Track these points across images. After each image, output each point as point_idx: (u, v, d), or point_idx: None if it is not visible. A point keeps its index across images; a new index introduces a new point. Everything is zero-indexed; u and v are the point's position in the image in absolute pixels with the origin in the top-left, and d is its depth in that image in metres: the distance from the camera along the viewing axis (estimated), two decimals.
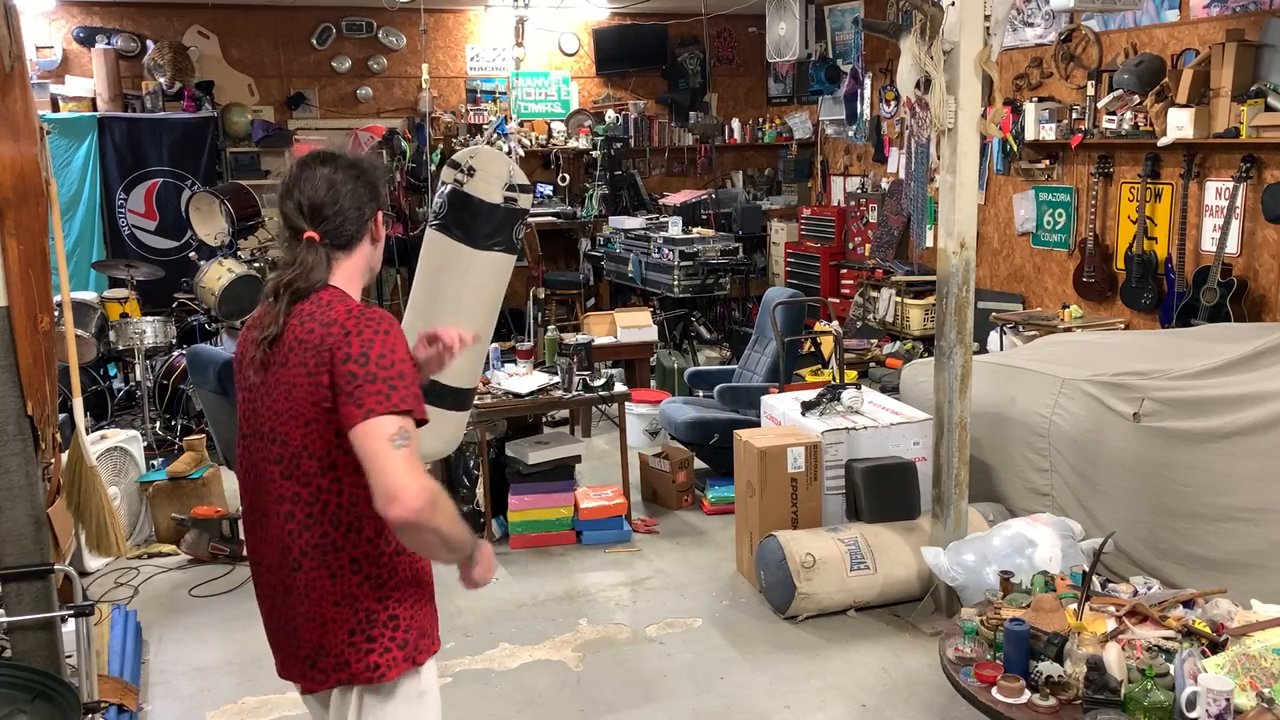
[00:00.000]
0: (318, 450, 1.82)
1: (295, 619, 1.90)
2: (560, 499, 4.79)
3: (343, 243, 1.94)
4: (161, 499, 4.88)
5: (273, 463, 1.87)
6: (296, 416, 1.82)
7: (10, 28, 2.44)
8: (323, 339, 1.80)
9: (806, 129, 9.26)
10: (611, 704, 3.47)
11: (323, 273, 1.90)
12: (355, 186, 1.94)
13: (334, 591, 1.86)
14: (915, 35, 3.62)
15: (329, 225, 1.92)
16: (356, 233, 1.96)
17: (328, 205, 1.92)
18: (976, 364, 4.08)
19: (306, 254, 1.90)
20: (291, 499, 1.86)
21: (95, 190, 7.41)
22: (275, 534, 1.89)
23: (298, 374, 1.81)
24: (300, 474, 1.84)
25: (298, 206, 1.93)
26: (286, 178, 1.97)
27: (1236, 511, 3.60)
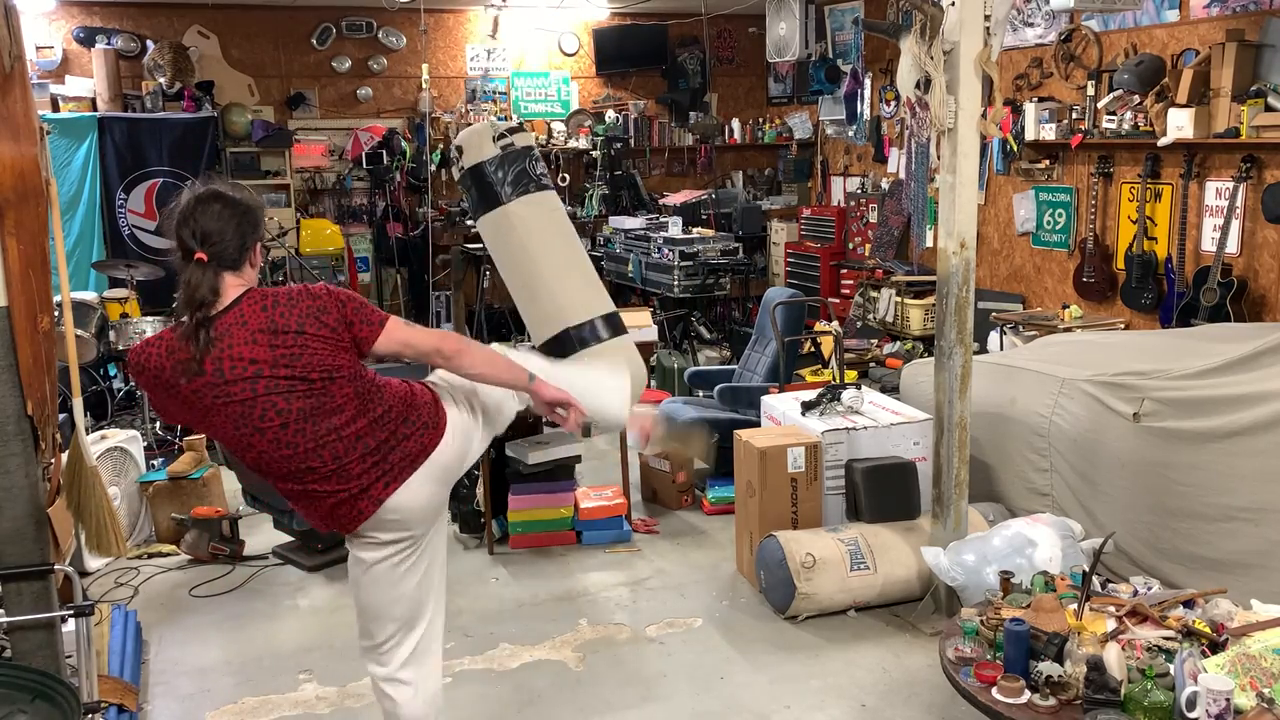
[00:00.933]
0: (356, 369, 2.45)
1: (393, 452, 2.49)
2: (560, 499, 4.79)
3: (229, 265, 2.38)
4: (161, 499, 4.88)
5: (321, 395, 2.39)
6: (342, 349, 2.40)
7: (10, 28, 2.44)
8: (322, 304, 2.37)
9: (806, 129, 9.26)
10: (611, 704, 3.47)
11: (213, 285, 2.34)
12: (241, 224, 2.39)
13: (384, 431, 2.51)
14: (915, 35, 3.62)
15: (217, 250, 2.35)
16: (240, 259, 2.39)
17: (215, 235, 2.35)
18: (976, 364, 4.08)
19: (196, 272, 2.33)
20: (382, 391, 2.50)
21: (95, 190, 7.41)
22: (334, 449, 2.42)
23: (326, 329, 2.37)
24: (360, 375, 2.45)
25: (192, 234, 2.35)
26: (182, 208, 2.38)
27: (1236, 511, 3.60)
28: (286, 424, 2.37)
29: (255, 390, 2.32)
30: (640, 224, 7.81)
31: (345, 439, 2.43)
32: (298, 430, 2.38)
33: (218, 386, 2.31)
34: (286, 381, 2.34)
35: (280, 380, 2.33)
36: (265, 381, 2.33)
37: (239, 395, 2.32)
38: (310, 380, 2.36)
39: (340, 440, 2.42)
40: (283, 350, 2.33)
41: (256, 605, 4.26)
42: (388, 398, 2.50)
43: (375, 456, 2.47)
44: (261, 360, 2.32)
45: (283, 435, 2.37)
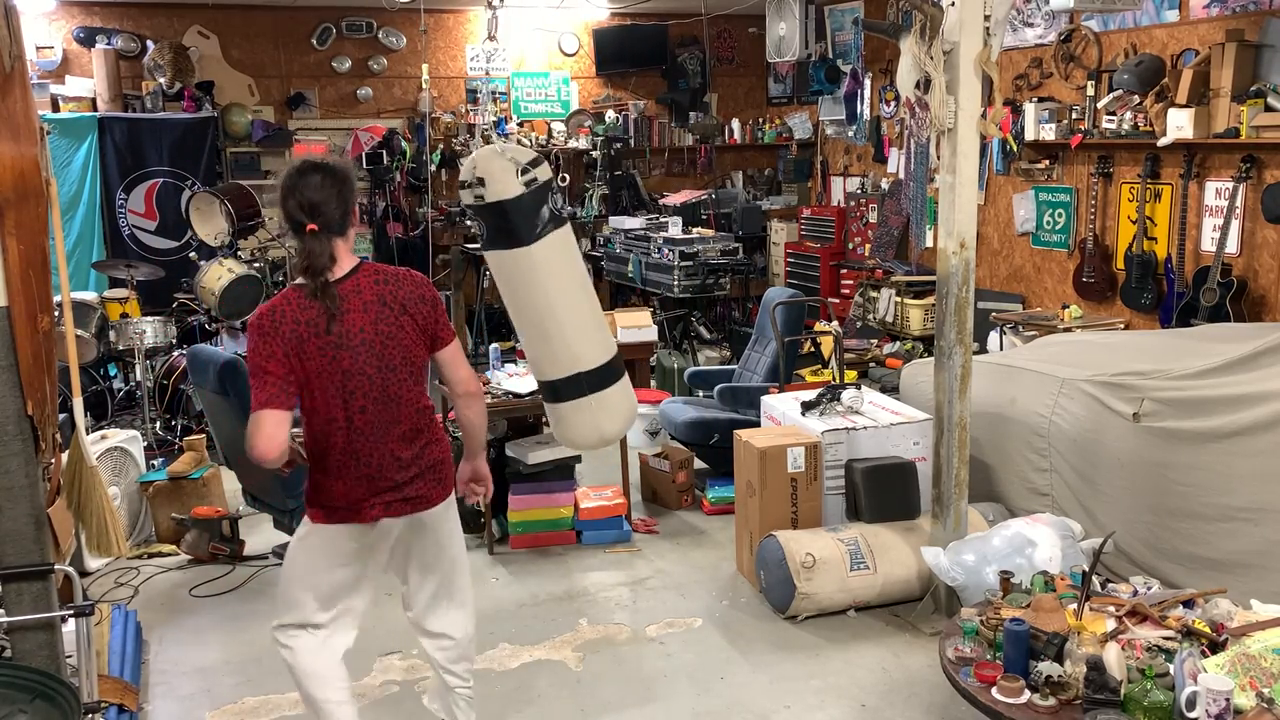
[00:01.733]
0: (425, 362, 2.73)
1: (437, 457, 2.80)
2: (560, 499, 4.79)
3: (338, 231, 2.60)
4: (161, 499, 4.88)
5: (407, 379, 2.67)
6: (424, 341, 2.69)
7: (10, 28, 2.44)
8: (423, 294, 2.67)
9: (806, 129, 9.26)
10: (611, 704, 3.47)
11: (329, 255, 2.56)
12: (343, 190, 2.60)
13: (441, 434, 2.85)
14: (915, 35, 3.62)
15: (327, 219, 2.56)
16: (346, 224, 2.62)
17: (322, 204, 2.55)
18: (976, 364, 4.08)
19: (312, 242, 2.55)
20: (419, 395, 2.72)
21: (95, 190, 7.41)
22: (411, 422, 2.71)
23: (419, 318, 2.65)
24: (421, 377, 2.70)
25: (299, 205, 2.56)
26: (284, 184, 2.59)
27: (1236, 511, 3.60)
28: (369, 396, 2.60)
29: (357, 358, 2.57)
30: (640, 224, 7.81)
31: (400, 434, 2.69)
32: (374, 409, 2.62)
33: (337, 349, 2.54)
34: (380, 356, 2.59)
35: (376, 351, 2.58)
36: (366, 350, 2.57)
37: (347, 362, 2.56)
38: (394, 363, 2.62)
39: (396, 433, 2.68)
40: (384, 325, 2.59)
41: (256, 605, 4.26)
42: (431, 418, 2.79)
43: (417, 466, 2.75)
44: (368, 329, 2.57)
45: (366, 405, 2.61)
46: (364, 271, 2.62)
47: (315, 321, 2.54)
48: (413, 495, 2.76)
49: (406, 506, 2.76)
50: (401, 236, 8.55)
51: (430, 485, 2.79)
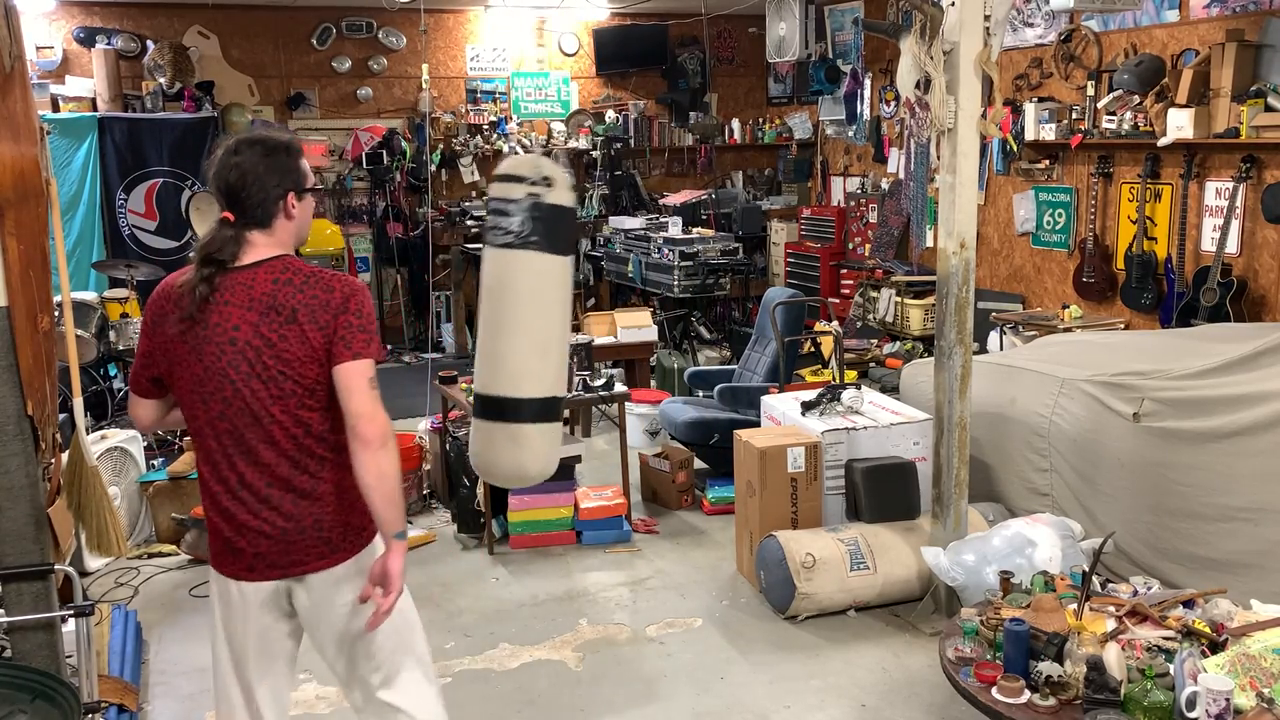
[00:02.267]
0: (328, 382, 2.20)
1: (323, 510, 2.25)
2: (560, 499, 4.79)
3: (256, 222, 2.24)
4: (161, 499, 4.88)
5: (287, 398, 2.19)
6: (313, 360, 2.18)
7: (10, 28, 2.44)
8: (327, 300, 2.18)
9: (806, 129, 9.26)
10: (611, 704, 3.47)
11: (233, 246, 2.21)
12: (265, 172, 2.22)
13: (352, 482, 2.22)
14: (915, 35, 3.62)
15: (241, 208, 2.22)
16: (268, 214, 2.24)
17: (239, 190, 2.22)
18: (976, 364, 4.08)
19: (220, 231, 2.23)
20: (308, 422, 2.21)
21: (95, 190, 7.41)
22: (290, 453, 2.21)
23: (310, 329, 2.17)
24: (317, 400, 2.21)
25: (218, 189, 2.25)
26: (214, 161, 2.26)
27: (1236, 511, 3.60)
28: (229, 404, 2.19)
29: (221, 357, 2.17)
30: (640, 224, 7.81)
31: (266, 464, 2.22)
32: (234, 418, 2.20)
33: (198, 338, 2.17)
34: (251, 363, 2.16)
35: (248, 358, 2.16)
36: (233, 351, 2.16)
37: (210, 358, 2.17)
38: (271, 375, 2.17)
39: (262, 459, 2.22)
40: (266, 329, 2.16)
41: None
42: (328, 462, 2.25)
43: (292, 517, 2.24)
44: (245, 329, 2.16)
45: (225, 412, 2.20)
46: (270, 266, 2.20)
47: (185, 307, 2.18)
48: (278, 557, 2.24)
49: (273, 570, 2.25)
50: (401, 236, 8.55)
51: (309, 546, 2.24)
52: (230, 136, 2.28)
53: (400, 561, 2.20)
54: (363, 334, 2.19)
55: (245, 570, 2.25)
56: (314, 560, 2.25)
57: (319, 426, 2.22)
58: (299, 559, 2.24)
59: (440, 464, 5.25)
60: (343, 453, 2.21)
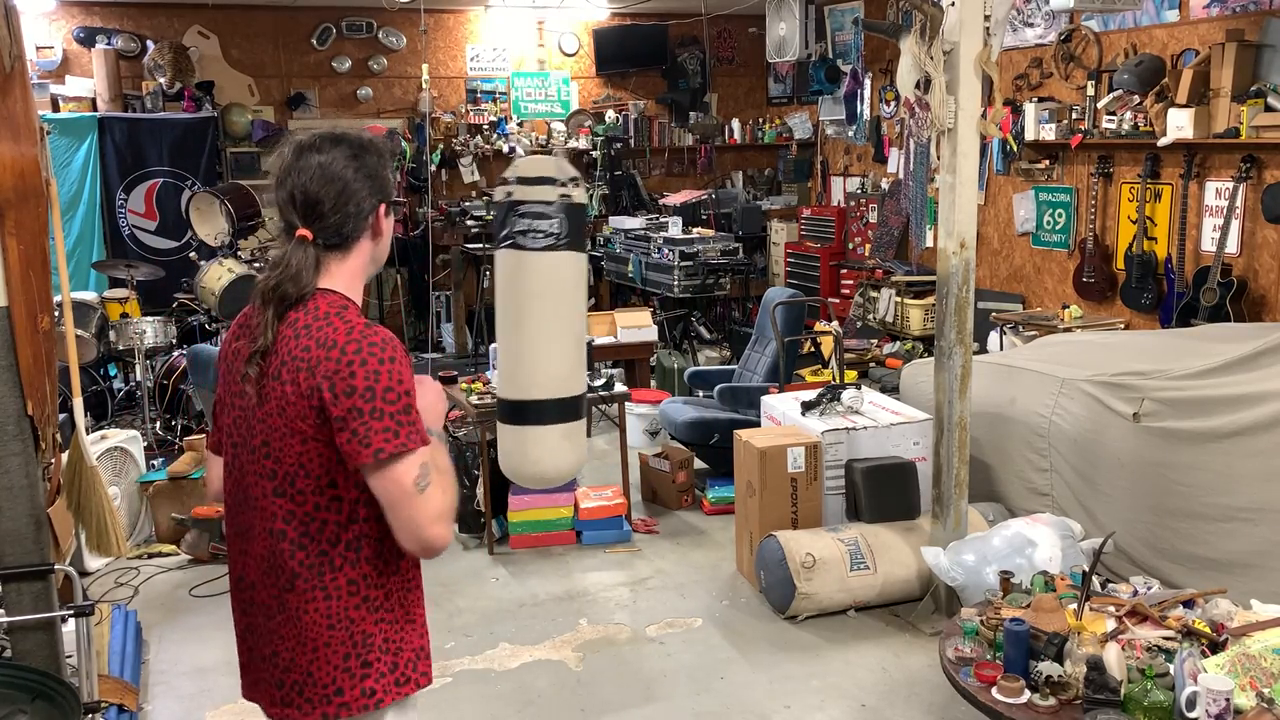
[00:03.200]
0: (314, 469, 1.70)
1: (282, 642, 1.77)
2: (560, 499, 4.79)
3: (338, 242, 1.76)
4: (161, 499, 4.88)
5: (265, 478, 1.74)
6: (293, 434, 1.69)
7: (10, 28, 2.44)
8: (320, 361, 1.65)
9: (806, 129, 9.26)
10: (611, 704, 3.47)
11: (312, 276, 1.74)
12: (355, 177, 1.76)
13: (329, 614, 1.74)
14: (915, 35, 3.62)
15: (324, 223, 1.75)
16: (354, 231, 1.77)
17: (324, 200, 1.74)
18: (976, 364, 4.08)
19: (296, 253, 1.73)
20: (285, 516, 1.73)
21: (95, 190, 7.41)
22: (263, 551, 1.76)
23: (291, 392, 1.68)
24: (294, 491, 1.72)
25: (290, 198, 1.77)
26: (282, 163, 1.80)
27: (1236, 511, 3.60)
28: (229, 472, 1.84)
29: (231, 412, 1.83)
30: (640, 224, 7.81)
31: (256, 561, 1.79)
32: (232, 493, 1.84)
33: (242, 395, 1.79)
34: (247, 424, 1.77)
35: (245, 416, 1.78)
36: (240, 408, 1.80)
37: (236, 412, 1.82)
38: (255, 444, 1.75)
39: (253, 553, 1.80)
40: (266, 386, 1.72)
41: None
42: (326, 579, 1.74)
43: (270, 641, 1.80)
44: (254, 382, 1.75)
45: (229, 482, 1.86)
46: (311, 305, 1.74)
47: (244, 346, 1.78)
48: (266, 683, 1.81)
49: (262, 686, 1.83)
50: (401, 236, 8.55)
51: (265, 680, 1.81)
52: (301, 133, 1.84)
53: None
54: (379, 420, 1.63)
55: (247, 689, 1.89)
56: (266, 702, 1.82)
57: (294, 532, 1.72)
58: (259, 691, 1.84)
59: None
60: (329, 574, 1.73)
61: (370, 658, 1.76)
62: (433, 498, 1.68)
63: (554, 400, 2.95)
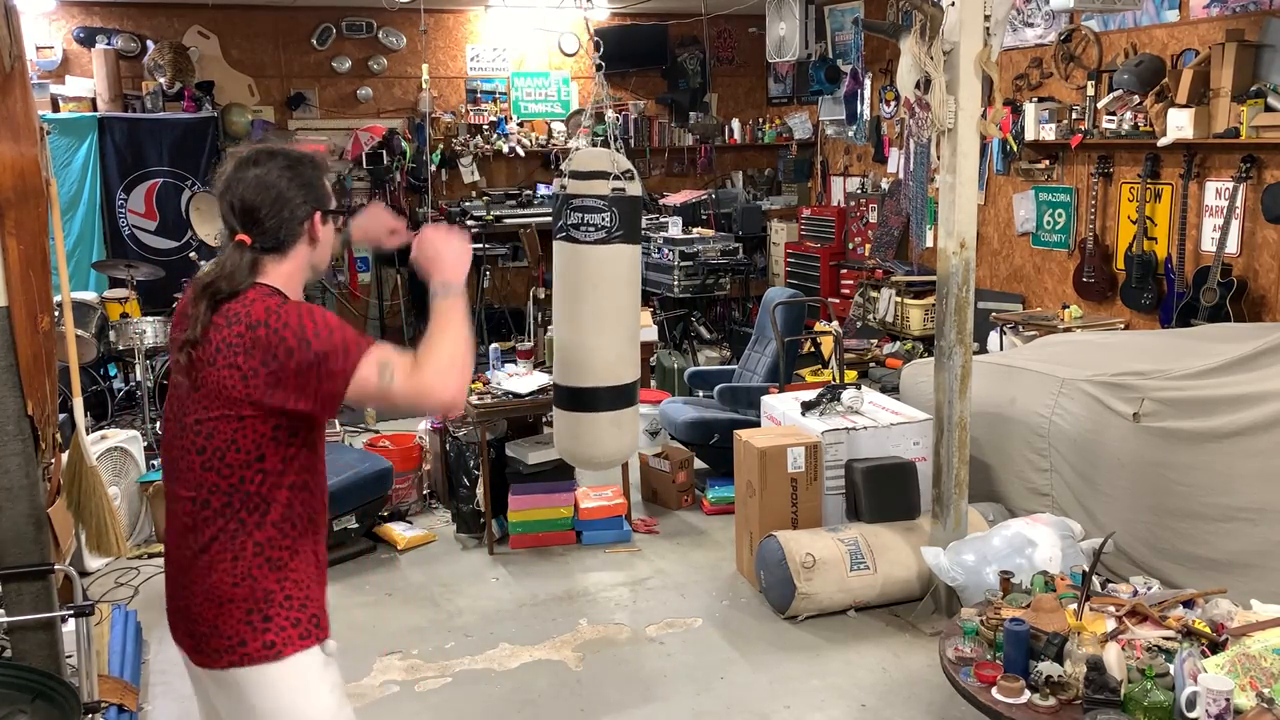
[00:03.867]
0: (246, 445, 1.87)
1: (193, 597, 1.93)
2: (560, 499, 4.79)
3: (274, 246, 1.94)
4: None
5: (194, 453, 1.90)
6: (228, 416, 1.86)
7: (10, 28, 2.44)
8: (254, 343, 1.83)
9: (806, 129, 9.26)
10: (611, 704, 3.47)
11: (245, 276, 1.90)
12: (289, 187, 1.93)
13: (234, 573, 1.90)
14: (915, 35, 3.62)
15: (261, 229, 1.92)
16: (289, 236, 1.95)
17: (260, 208, 1.92)
18: (976, 364, 4.08)
19: (232, 256, 1.91)
20: (210, 488, 1.89)
21: (95, 190, 7.41)
22: (185, 517, 1.93)
23: (230, 376, 1.84)
24: (223, 466, 1.88)
25: (230, 207, 1.95)
26: (223, 175, 1.97)
27: (1236, 511, 3.60)
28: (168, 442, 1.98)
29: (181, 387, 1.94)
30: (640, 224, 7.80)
31: (180, 525, 1.95)
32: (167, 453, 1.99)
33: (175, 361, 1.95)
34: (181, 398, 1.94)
35: (180, 392, 1.94)
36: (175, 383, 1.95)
37: (171, 385, 1.98)
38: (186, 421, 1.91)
39: (175, 512, 1.97)
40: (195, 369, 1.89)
41: None
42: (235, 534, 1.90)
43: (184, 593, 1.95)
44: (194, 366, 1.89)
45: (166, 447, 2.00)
46: (244, 298, 1.89)
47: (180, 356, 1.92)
48: (181, 632, 1.98)
49: (180, 635, 2.00)
50: None
51: (179, 625, 1.98)
52: (242, 146, 2.04)
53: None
54: (326, 360, 1.82)
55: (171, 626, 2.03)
56: (184, 649, 1.99)
57: (217, 502, 1.89)
58: (178, 637, 2.00)
59: (440, 464, 5.25)
60: (241, 538, 1.89)
61: (270, 612, 1.92)
62: (402, 383, 1.85)
63: (606, 388, 3.01)
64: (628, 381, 3.06)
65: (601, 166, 3.06)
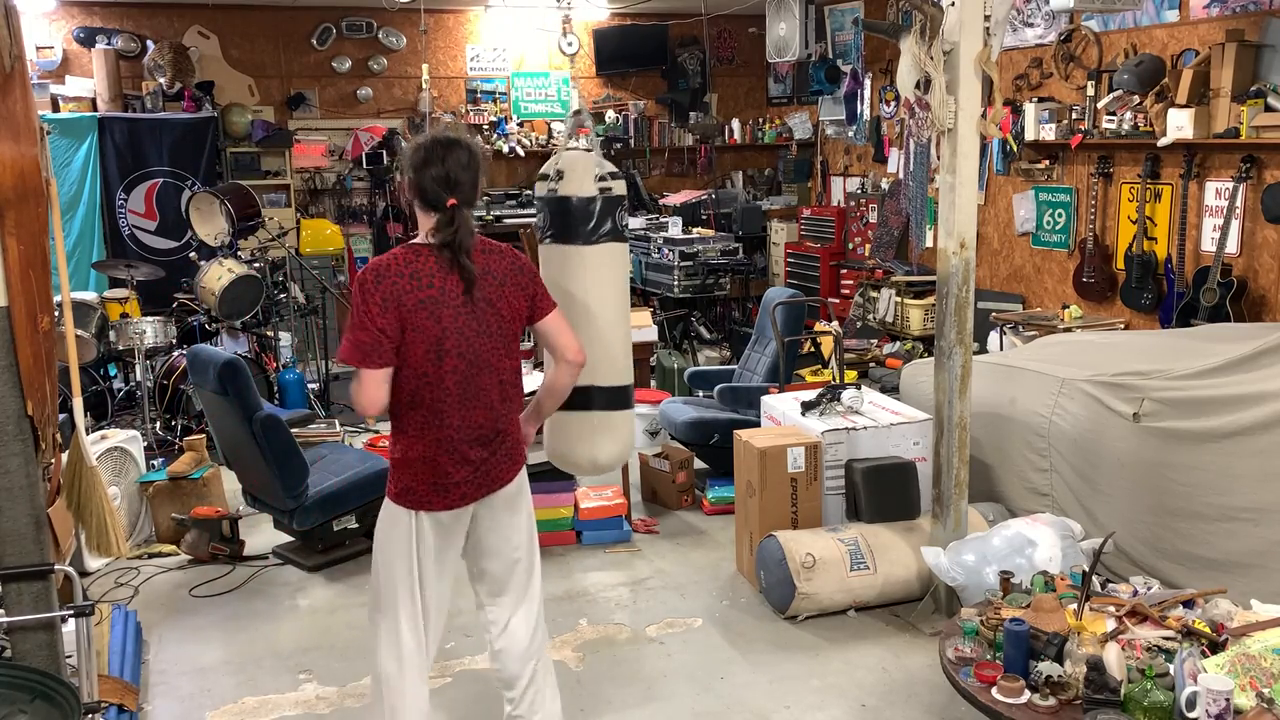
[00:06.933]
0: (520, 333, 2.78)
1: (509, 438, 2.76)
2: (560, 499, 4.79)
3: (470, 204, 2.64)
4: (161, 499, 4.88)
5: (500, 351, 2.68)
6: (518, 318, 2.73)
7: (10, 28, 2.43)
8: (522, 268, 2.73)
9: (806, 129, 9.26)
10: (611, 704, 3.47)
11: (468, 230, 2.60)
12: (478, 165, 2.64)
13: (522, 405, 2.84)
14: (915, 35, 3.62)
15: (466, 194, 2.61)
16: (472, 201, 2.65)
17: (461, 180, 2.59)
18: (976, 364, 4.08)
19: (461, 214, 2.60)
20: (510, 368, 2.73)
21: (95, 190, 7.41)
22: (492, 397, 2.68)
23: (517, 295, 2.70)
24: (512, 351, 2.73)
25: (443, 179, 2.58)
26: (426, 152, 2.59)
27: (1236, 511, 3.60)
28: (462, 358, 2.61)
29: (459, 317, 2.58)
30: (640, 224, 7.81)
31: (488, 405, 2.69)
32: (467, 370, 2.63)
33: (437, 304, 2.55)
34: (482, 321, 2.62)
35: (478, 317, 2.61)
36: (466, 314, 2.59)
37: (446, 318, 2.57)
38: (493, 330, 2.65)
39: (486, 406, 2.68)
40: (489, 293, 2.63)
41: (256, 605, 4.26)
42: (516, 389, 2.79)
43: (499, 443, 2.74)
44: (479, 295, 2.61)
45: (458, 366, 2.61)
46: (481, 243, 2.69)
47: (438, 284, 2.57)
48: (496, 467, 2.74)
49: (472, 494, 2.72)
50: (401, 236, 8.54)
51: (502, 468, 2.76)
52: (429, 133, 2.66)
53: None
54: (546, 289, 2.80)
55: (457, 500, 2.68)
56: (506, 473, 2.75)
57: (516, 372, 2.75)
58: (500, 475, 2.74)
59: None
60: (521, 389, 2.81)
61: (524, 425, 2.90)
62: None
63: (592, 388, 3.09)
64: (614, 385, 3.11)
65: (547, 169, 3.20)
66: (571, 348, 2.80)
